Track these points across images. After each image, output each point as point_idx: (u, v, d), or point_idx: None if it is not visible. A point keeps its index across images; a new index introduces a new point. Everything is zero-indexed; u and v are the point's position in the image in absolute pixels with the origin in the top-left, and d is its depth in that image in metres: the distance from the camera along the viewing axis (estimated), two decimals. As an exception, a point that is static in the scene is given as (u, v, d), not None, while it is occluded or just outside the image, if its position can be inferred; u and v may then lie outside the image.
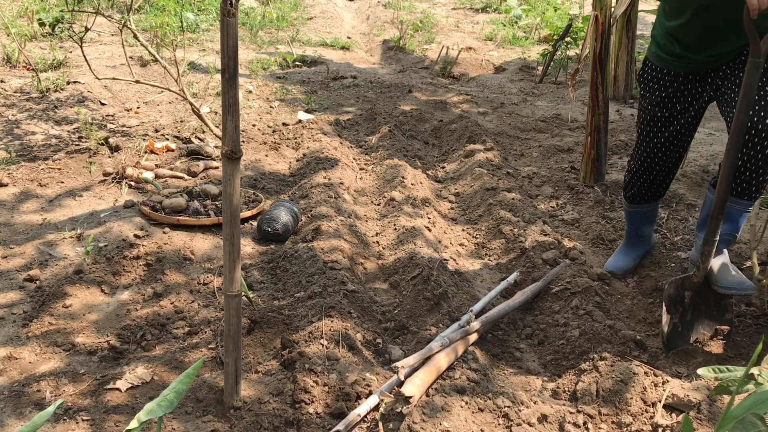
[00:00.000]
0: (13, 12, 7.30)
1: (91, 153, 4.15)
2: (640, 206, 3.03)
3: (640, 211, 3.05)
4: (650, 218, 3.09)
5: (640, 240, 3.16)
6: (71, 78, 5.54)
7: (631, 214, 3.08)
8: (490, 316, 2.55)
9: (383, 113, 5.47)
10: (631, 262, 3.13)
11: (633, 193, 2.99)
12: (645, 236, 3.15)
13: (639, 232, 3.12)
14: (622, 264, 3.11)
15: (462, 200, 4.04)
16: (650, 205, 3.03)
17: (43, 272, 2.92)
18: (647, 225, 3.11)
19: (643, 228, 3.12)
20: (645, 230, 3.13)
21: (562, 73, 6.96)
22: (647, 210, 3.05)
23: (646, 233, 3.14)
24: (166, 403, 1.33)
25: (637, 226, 3.11)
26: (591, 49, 4.03)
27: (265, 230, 3.29)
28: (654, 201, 3.01)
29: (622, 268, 3.10)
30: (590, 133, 4.10)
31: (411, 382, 2.08)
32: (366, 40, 9.00)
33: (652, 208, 3.05)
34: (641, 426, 2.09)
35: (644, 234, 3.14)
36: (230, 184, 1.93)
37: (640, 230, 3.12)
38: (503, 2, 10.63)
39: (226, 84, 1.82)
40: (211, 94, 5.57)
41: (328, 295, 2.64)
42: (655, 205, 3.04)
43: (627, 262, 3.13)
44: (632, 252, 3.16)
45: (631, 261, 3.13)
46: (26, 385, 2.22)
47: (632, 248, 3.17)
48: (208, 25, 8.09)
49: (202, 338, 2.54)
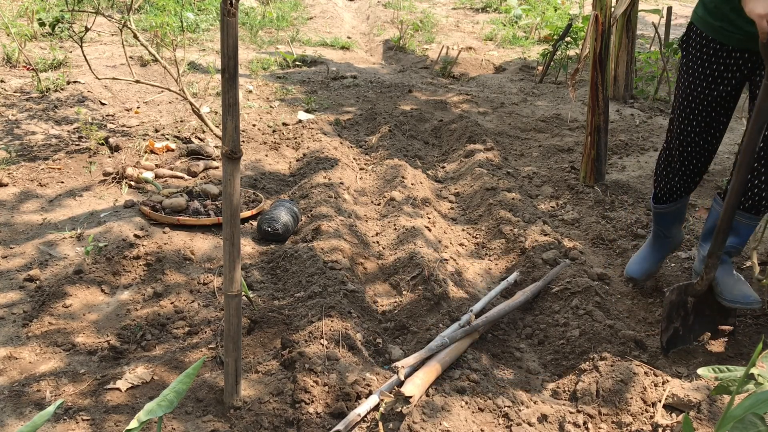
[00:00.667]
0: (13, 12, 7.30)
1: (91, 153, 4.15)
2: (671, 205, 2.82)
3: (670, 211, 2.84)
4: (681, 216, 2.88)
5: (668, 241, 2.94)
6: (71, 78, 5.54)
7: (661, 215, 2.87)
8: (490, 316, 2.55)
9: (383, 113, 5.47)
10: (656, 264, 2.95)
11: (665, 189, 2.79)
12: (673, 236, 2.94)
13: (668, 232, 2.90)
14: (648, 266, 2.93)
15: (462, 200, 4.04)
16: (680, 202, 2.82)
17: (43, 272, 2.92)
18: (677, 223, 2.90)
19: (674, 227, 2.90)
20: (674, 229, 2.91)
21: (562, 73, 6.96)
22: (677, 207, 2.83)
23: (674, 233, 2.93)
24: (166, 403, 1.33)
25: (667, 227, 2.89)
26: (591, 49, 4.02)
27: (265, 230, 3.29)
28: (685, 196, 2.80)
29: (647, 271, 2.92)
30: (590, 133, 4.10)
31: (411, 382, 2.08)
32: (366, 40, 9.00)
33: (682, 204, 2.83)
34: (641, 426, 2.09)
35: (673, 234, 2.93)
36: (230, 184, 1.93)
37: (670, 231, 2.90)
38: (503, 2, 10.63)
39: (226, 84, 1.82)
40: (211, 94, 5.57)
41: (328, 295, 2.64)
42: (686, 200, 2.84)
43: (652, 264, 2.94)
44: (659, 253, 2.96)
45: (656, 263, 2.95)
46: (26, 385, 2.22)
47: (659, 249, 2.95)
48: (208, 24, 8.09)
49: (202, 338, 2.54)
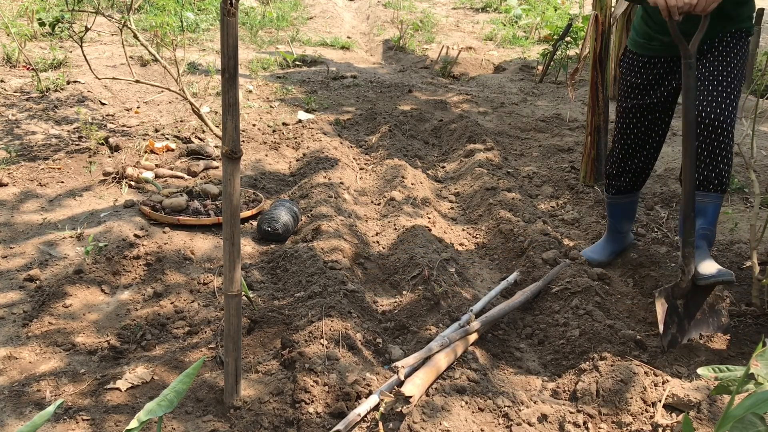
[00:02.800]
0: (13, 12, 7.30)
1: (91, 153, 4.15)
2: (620, 197, 3.10)
3: (620, 203, 3.12)
4: (629, 213, 3.17)
5: (619, 236, 3.24)
6: (71, 78, 5.54)
7: (612, 206, 3.15)
8: (490, 316, 2.55)
9: (383, 113, 5.47)
10: (606, 257, 3.23)
11: (613, 183, 3.08)
12: (624, 232, 3.24)
13: (619, 227, 3.20)
14: (598, 257, 3.21)
15: (462, 200, 4.04)
16: (629, 197, 3.10)
17: (43, 272, 2.92)
18: (626, 220, 3.20)
19: (623, 223, 3.19)
20: (624, 226, 3.21)
21: (562, 72, 6.96)
22: (626, 202, 3.12)
23: (625, 229, 3.23)
24: (166, 403, 1.33)
25: (617, 220, 3.18)
26: (591, 48, 4.03)
27: (265, 230, 3.29)
28: (633, 192, 3.08)
29: (596, 260, 3.20)
30: (590, 133, 4.10)
31: (411, 382, 2.08)
32: (366, 40, 9.00)
33: (630, 200, 3.12)
34: (641, 426, 2.09)
35: (623, 230, 3.22)
36: (230, 183, 1.93)
37: (620, 225, 3.19)
38: (503, 2, 10.63)
39: (226, 84, 1.82)
40: (211, 94, 5.57)
41: (328, 295, 2.64)
42: (634, 197, 3.12)
43: (603, 255, 3.22)
44: (609, 247, 3.25)
45: (607, 256, 3.23)
46: (26, 385, 2.22)
47: (611, 243, 3.25)
48: (208, 24, 8.09)
49: (202, 338, 2.54)
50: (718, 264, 2.58)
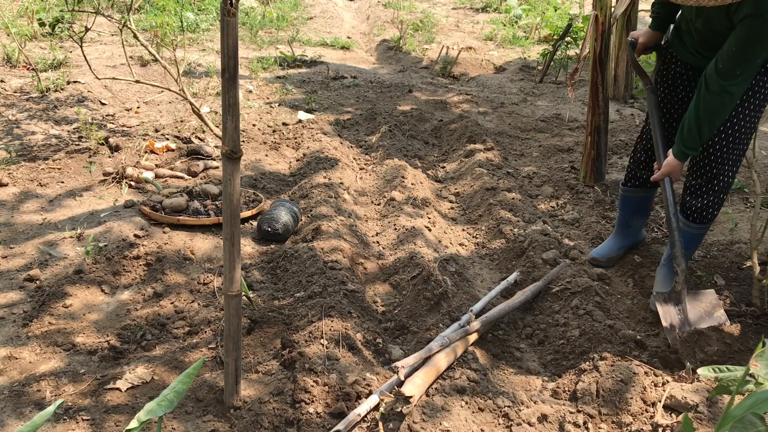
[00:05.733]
0: (13, 12, 7.29)
1: (91, 153, 4.15)
2: (632, 190, 3.10)
3: (633, 196, 3.12)
4: (641, 208, 3.16)
5: (629, 231, 3.21)
6: (71, 78, 5.54)
7: (624, 198, 3.15)
8: (490, 316, 2.55)
9: (383, 113, 5.47)
10: (615, 251, 3.19)
11: (629, 174, 3.09)
12: (634, 227, 3.21)
13: (629, 221, 3.18)
14: (606, 252, 3.18)
15: (462, 200, 4.04)
16: (642, 191, 3.10)
17: (44, 272, 2.92)
18: (638, 215, 3.17)
19: (634, 218, 3.17)
20: (635, 221, 3.19)
21: (562, 72, 6.96)
22: (639, 197, 3.11)
23: (635, 224, 3.20)
24: (166, 403, 1.33)
25: (628, 214, 3.16)
26: (591, 48, 4.02)
27: (265, 230, 3.29)
28: (645, 187, 3.07)
29: (605, 255, 3.17)
30: (590, 133, 4.10)
31: (411, 382, 2.08)
32: (366, 40, 9.00)
33: (643, 196, 3.11)
34: (641, 426, 2.09)
35: (633, 225, 3.20)
36: (230, 184, 1.93)
37: (631, 220, 3.17)
38: (503, 2, 10.63)
39: (226, 84, 1.83)
40: (211, 94, 5.57)
41: (328, 295, 2.64)
42: (648, 194, 3.11)
43: (611, 250, 3.19)
44: (619, 242, 3.22)
45: (615, 250, 3.19)
46: (26, 385, 2.22)
47: (620, 238, 3.22)
48: (208, 24, 8.09)
49: (202, 338, 2.54)
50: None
